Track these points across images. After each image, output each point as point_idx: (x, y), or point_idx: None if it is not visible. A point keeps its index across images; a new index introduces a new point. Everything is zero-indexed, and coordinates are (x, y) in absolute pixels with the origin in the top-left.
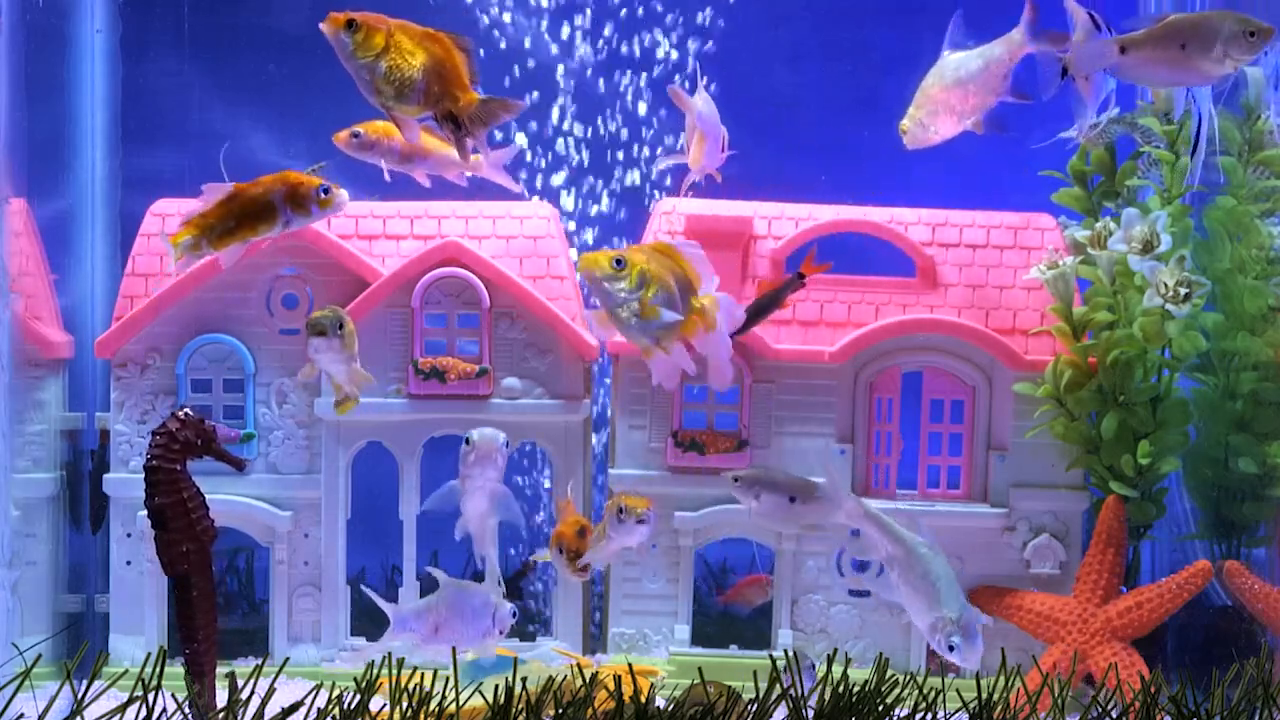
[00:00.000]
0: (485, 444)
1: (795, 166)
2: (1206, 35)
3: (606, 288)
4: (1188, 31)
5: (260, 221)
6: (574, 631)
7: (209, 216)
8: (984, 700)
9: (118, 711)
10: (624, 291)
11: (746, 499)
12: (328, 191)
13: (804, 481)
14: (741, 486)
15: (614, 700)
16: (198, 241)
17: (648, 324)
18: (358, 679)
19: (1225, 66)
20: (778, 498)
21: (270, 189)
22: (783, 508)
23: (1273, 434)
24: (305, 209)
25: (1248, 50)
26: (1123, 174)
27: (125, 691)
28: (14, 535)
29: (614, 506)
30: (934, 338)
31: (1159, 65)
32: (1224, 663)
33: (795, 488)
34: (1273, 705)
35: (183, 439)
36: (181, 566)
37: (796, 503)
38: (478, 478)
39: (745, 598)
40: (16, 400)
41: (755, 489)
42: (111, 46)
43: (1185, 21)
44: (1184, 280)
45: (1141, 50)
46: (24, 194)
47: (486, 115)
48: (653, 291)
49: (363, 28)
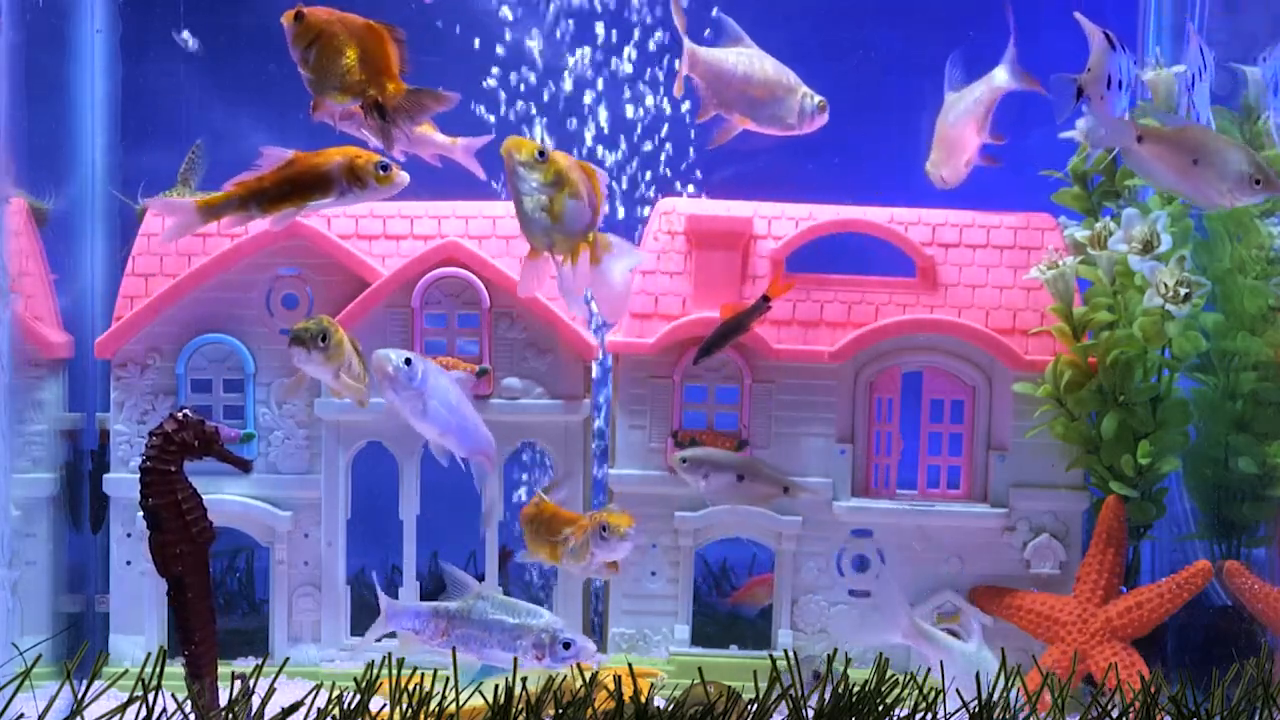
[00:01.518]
0: (377, 366)
1: (795, 166)
2: (1219, 163)
3: (522, 174)
4: (1203, 150)
5: (315, 191)
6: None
7: (264, 180)
8: (984, 700)
9: (118, 711)
10: (537, 184)
11: (695, 479)
12: (386, 169)
13: (747, 460)
14: (689, 467)
15: (614, 700)
16: (247, 204)
17: (548, 224)
18: (358, 679)
19: (1225, 199)
20: (725, 476)
21: (330, 160)
22: (730, 486)
23: (1273, 434)
24: (362, 184)
25: (1249, 194)
26: (1123, 174)
27: (125, 691)
28: (14, 535)
29: (596, 523)
30: (934, 338)
31: (1167, 168)
32: (1224, 663)
33: (741, 466)
34: (1273, 705)
35: (179, 440)
36: (176, 568)
37: (744, 480)
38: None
39: (754, 598)
40: (16, 400)
41: (703, 469)
42: (111, 46)
43: (1205, 138)
44: (1184, 280)
45: (1156, 147)
46: (24, 194)
47: (413, 106)
48: (564, 195)
49: (304, 19)
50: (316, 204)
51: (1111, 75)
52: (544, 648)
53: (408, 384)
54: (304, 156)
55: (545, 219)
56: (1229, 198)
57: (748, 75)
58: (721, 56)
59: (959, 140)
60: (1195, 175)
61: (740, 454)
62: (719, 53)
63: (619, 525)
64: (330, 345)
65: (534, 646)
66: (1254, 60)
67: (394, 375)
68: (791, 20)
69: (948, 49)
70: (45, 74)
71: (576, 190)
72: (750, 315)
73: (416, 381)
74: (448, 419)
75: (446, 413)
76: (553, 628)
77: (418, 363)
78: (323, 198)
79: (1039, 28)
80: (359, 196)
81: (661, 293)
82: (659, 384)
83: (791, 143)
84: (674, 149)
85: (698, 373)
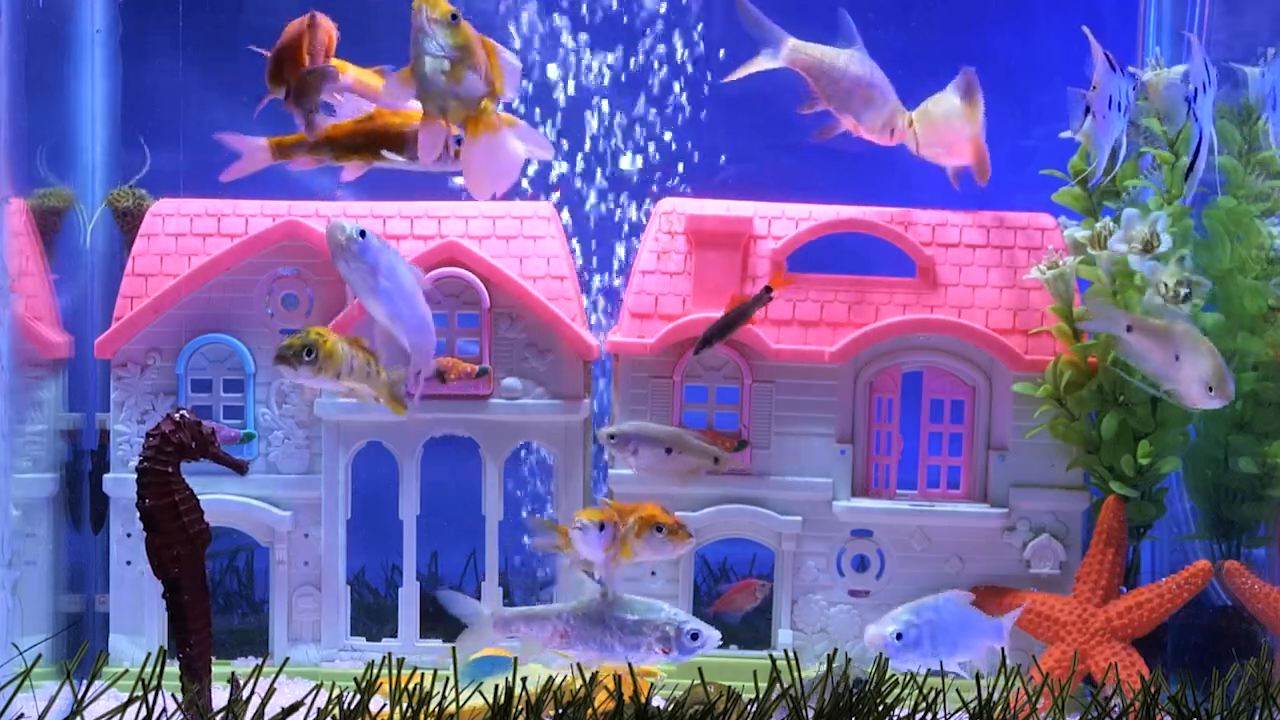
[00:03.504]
0: (331, 236)
1: (795, 166)
2: (1197, 365)
3: (431, 32)
4: (1184, 349)
5: (388, 148)
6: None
7: (340, 128)
8: (984, 700)
9: (118, 711)
10: (443, 45)
11: (624, 455)
12: (460, 143)
13: (675, 432)
14: (618, 443)
15: (614, 700)
16: (319, 148)
17: (445, 87)
18: (358, 679)
19: (1199, 400)
20: (654, 450)
21: (409, 121)
22: (660, 459)
23: (1273, 434)
24: None
25: (1204, 399)
26: (1123, 174)
27: (125, 691)
28: (14, 535)
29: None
30: (934, 338)
31: (1153, 358)
32: (1224, 663)
33: (670, 439)
34: (1273, 705)
35: (176, 441)
36: (172, 569)
37: (673, 454)
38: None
39: (735, 605)
40: (16, 400)
41: (632, 444)
42: (111, 46)
43: (1187, 338)
44: (1184, 280)
45: (1144, 339)
46: (24, 194)
47: (306, 87)
48: (465, 65)
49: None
50: (388, 162)
51: (1112, 96)
52: (670, 640)
53: (359, 256)
54: (385, 112)
55: (444, 82)
56: (1203, 400)
57: (859, 77)
58: (832, 55)
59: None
60: (1176, 369)
61: (668, 427)
62: (826, 50)
63: (678, 528)
64: (320, 357)
65: (659, 641)
66: (1254, 60)
67: (345, 245)
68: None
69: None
70: (45, 74)
71: (477, 62)
72: (753, 306)
73: (370, 255)
74: (398, 302)
75: (398, 295)
76: (677, 620)
77: (373, 238)
78: (395, 156)
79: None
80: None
81: (661, 293)
82: (659, 384)
83: (792, 143)
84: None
85: (698, 372)
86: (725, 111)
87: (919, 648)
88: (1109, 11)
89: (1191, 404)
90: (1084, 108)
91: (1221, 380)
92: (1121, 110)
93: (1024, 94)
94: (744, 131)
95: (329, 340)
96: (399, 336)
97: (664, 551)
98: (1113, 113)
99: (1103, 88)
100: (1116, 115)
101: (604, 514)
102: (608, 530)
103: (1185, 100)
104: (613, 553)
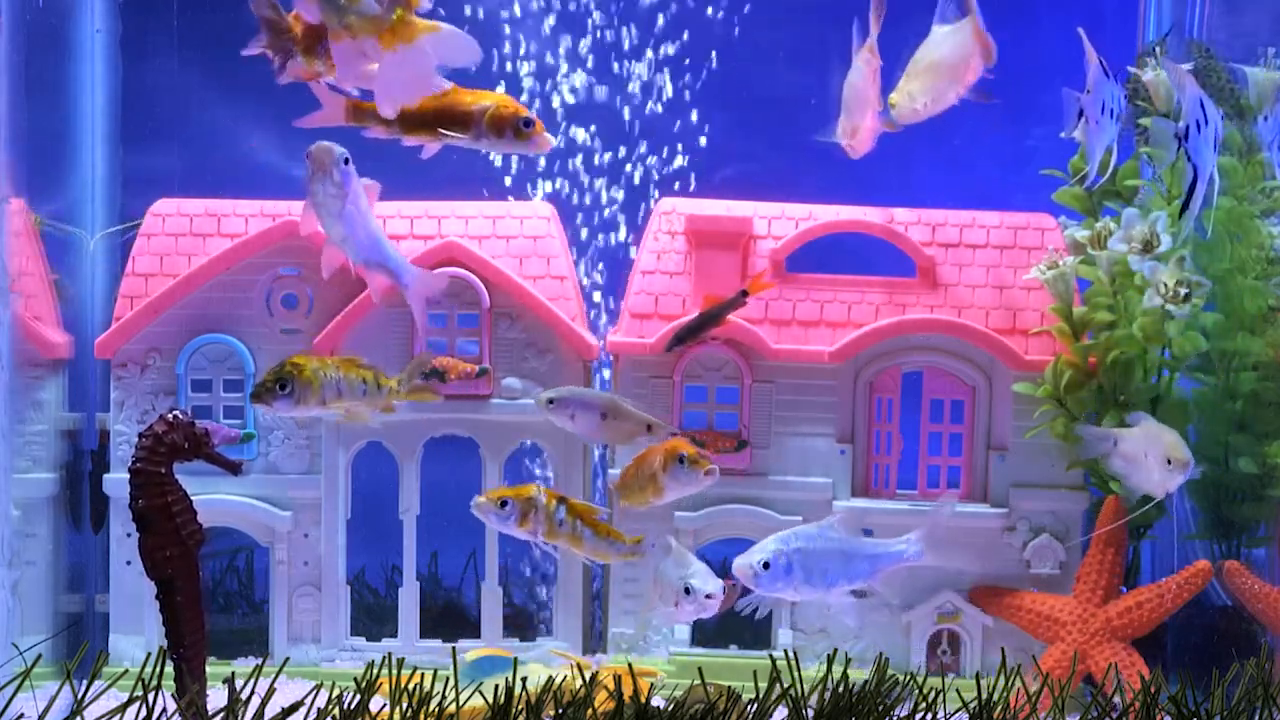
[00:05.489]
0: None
1: (795, 166)
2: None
3: None
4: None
5: (454, 126)
6: (574, 631)
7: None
8: (984, 700)
9: (118, 711)
10: None
11: (562, 419)
12: (528, 125)
13: (610, 398)
14: (555, 408)
15: (614, 700)
16: (390, 120)
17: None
18: (358, 679)
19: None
20: (591, 415)
21: (478, 101)
22: (596, 424)
23: (1273, 434)
24: (499, 132)
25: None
26: (1123, 174)
27: (125, 691)
28: (14, 535)
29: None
30: (934, 338)
31: (1131, 466)
32: (1224, 663)
33: (605, 404)
34: (1273, 705)
35: (169, 442)
36: (164, 570)
37: (608, 419)
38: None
39: None
40: (16, 400)
41: (570, 408)
42: (111, 46)
43: (1152, 434)
44: (1184, 280)
45: (1129, 447)
46: (24, 194)
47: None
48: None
49: None
50: (453, 139)
51: (1105, 102)
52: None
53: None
54: (458, 90)
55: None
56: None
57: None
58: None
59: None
60: (1146, 468)
61: (604, 393)
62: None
63: (699, 458)
64: (297, 388)
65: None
66: (1254, 60)
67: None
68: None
69: None
70: (45, 74)
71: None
72: (727, 308)
73: (347, 182)
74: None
75: (360, 220)
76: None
77: (354, 170)
78: (460, 132)
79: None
80: (493, 144)
81: (661, 293)
82: (659, 384)
83: (792, 143)
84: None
85: (698, 372)
86: (725, 111)
87: (789, 576)
88: (1110, 11)
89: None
90: (1078, 110)
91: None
92: (1114, 116)
93: (1024, 94)
94: (745, 131)
95: (306, 369)
96: (349, 255)
97: (690, 483)
98: (1105, 118)
99: (1095, 93)
100: (1109, 121)
101: (509, 491)
102: (510, 508)
103: (1175, 137)
104: (536, 530)
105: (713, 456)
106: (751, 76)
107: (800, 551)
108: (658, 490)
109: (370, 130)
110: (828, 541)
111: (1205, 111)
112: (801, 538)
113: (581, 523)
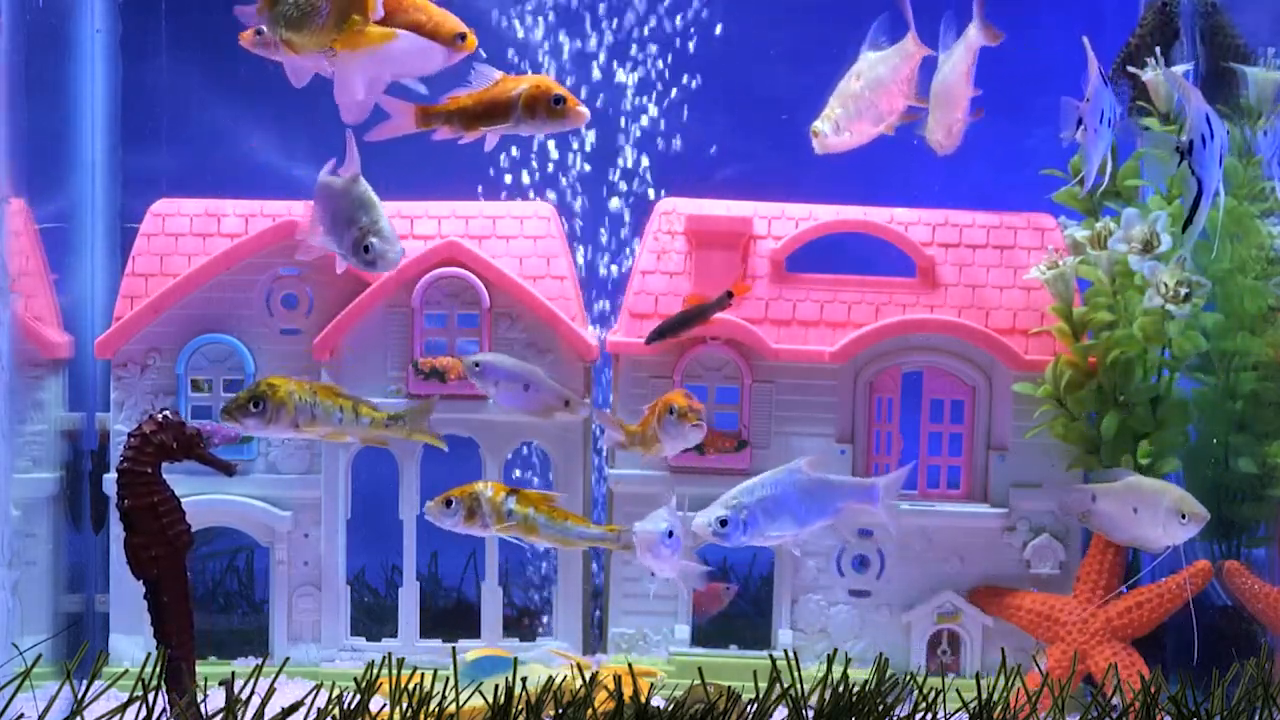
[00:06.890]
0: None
1: (795, 166)
2: (1152, 506)
3: None
4: (1139, 499)
5: (498, 116)
6: (574, 631)
7: (462, 100)
8: (984, 700)
9: (118, 711)
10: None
11: (486, 387)
12: (560, 102)
13: (533, 369)
14: (481, 372)
15: (614, 700)
16: (453, 119)
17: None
18: (358, 679)
19: (1165, 537)
20: (513, 385)
21: (516, 85)
22: (518, 394)
23: (1273, 434)
24: (532, 112)
25: (1180, 531)
26: (1123, 174)
27: (125, 691)
28: (14, 535)
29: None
30: (934, 338)
31: (1118, 519)
32: (1224, 663)
33: (528, 375)
34: (1273, 705)
35: (158, 442)
36: (150, 571)
37: (529, 390)
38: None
39: (702, 608)
40: (16, 400)
41: (493, 376)
42: (111, 46)
43: (1142, 487)
44: (1184, 280)
45: (1108, 504)
46: (24, 194)
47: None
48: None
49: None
50: (500, 127)
51: (1103, 110)
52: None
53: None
54: (505, 78)
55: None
56: (1168, 537)
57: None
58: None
59: (954, 98)
60: (1138, 523)
61: (528, 364)
62: None
63: (688, 410)
64: (269, 408)
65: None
66: (1254, 61)
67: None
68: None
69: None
70: (45, 74)
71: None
72: (711, 308)
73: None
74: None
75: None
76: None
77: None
78: (503, 121)
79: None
80: (531, 126)
81: (661, 293)
82: (659, 384)
83: (791, 143)
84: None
85: (698, 372)
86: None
87: (753, 527)
88: (1110, 12)
89: (1170, 542)
90: (1076, 119)
91: (1188, 503)
92: (1110, 126)
93: (1025, 95)
94: (745, 131)
95: (280, 390)
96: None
97: (680, 436)
98: (1103, 127)
99: (1094, 102)
100: (1106, 130)
101: (455, 491)
102: (455, 505)
103: (1177, 151)
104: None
105: (712, 457)
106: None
107: (761, 500)
108: (652, 446)
109: (438, 133)
110: (789, 486)
111: (1211, 126)
112: (763, 485)
113: (535, 511)
